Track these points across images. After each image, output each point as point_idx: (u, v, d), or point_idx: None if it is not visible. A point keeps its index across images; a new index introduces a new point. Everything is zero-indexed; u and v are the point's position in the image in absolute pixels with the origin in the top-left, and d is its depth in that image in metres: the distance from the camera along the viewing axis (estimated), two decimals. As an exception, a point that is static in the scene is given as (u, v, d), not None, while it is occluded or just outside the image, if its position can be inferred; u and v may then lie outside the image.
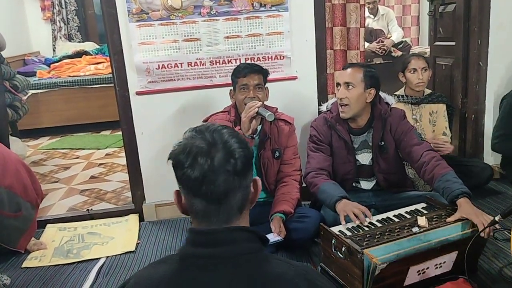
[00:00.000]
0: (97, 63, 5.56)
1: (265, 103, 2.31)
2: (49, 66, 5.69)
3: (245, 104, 2.18)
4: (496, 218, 1.66)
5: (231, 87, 2.36)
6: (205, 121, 2.37)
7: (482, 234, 1.80)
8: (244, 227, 1.02)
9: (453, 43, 3.24)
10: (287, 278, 0.95)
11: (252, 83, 2.24)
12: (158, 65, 2.60)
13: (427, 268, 1.83)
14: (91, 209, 2.94)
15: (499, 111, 2.91)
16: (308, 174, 2.30)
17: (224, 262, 0.94)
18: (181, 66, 2.62)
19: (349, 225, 1.99)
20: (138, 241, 2.56)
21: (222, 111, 2.38)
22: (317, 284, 0.96)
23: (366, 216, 1.99)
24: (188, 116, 2.69)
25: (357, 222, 1.97)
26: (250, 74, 2.24)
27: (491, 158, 3.09)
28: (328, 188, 2.18)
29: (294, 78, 2.75)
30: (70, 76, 5.30)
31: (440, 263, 1.85)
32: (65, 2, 6.52)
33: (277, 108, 2.38)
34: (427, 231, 1.85)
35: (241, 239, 0.98)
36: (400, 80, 2.86)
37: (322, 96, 2.79)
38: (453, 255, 1.86)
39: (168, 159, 0.98)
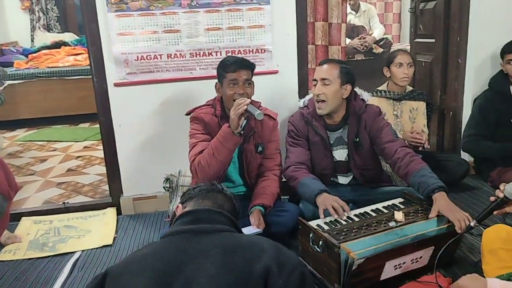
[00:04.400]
0: (76, 54, 5.47)
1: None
2: (27, 57, 5.57)
3: (234, 100, 2.13)
4: (472, 224, 1.69)
5: (216, 80, 2.29)
6: (188, 114, 2.33)
7: (458, 231, 1.83)
8: (222, 212, 1.26)
9: (433, 40, 3.27)
10: (257, 243, 1.15)
11: (242, 79, 2.19)
12: (137, 57, 2.56)
13: (404, 262, 1.84)
14: (67, 202, 2.90)
15: (471, 110, 2.98)
16: (288, 168, 2.30)
17: (202, 235, 1.15)
18: (161, 58, 2.59)
19: (327, 219, 2.00)
20: (115, 235, 2.53)
21: (205, 105, 2.33)
22: (284, 253, 1.14)
23: (344, 211, 2.00)
24: (167, 108, 2.66)
25: (336, 216, 1.98)
26: (240, 70, 2.19)
27: (468, 154, 3.14)
28: (308, 182, 2.19)
29: (275, 72, 2.74)
30: (48, 67, 5.19)
31: (417, 258, 1.87)
32: (44, -9, 6.39)
33: (260, 103, 2.36)
34: (404, 226, 1.88)
35: (219, 220, 1.21)
36: (384, 74, 2.88)
37: (303, 91, 2.78)
38: (429, 250, 1.88)
39: None
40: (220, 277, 1.06)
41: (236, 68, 2.18)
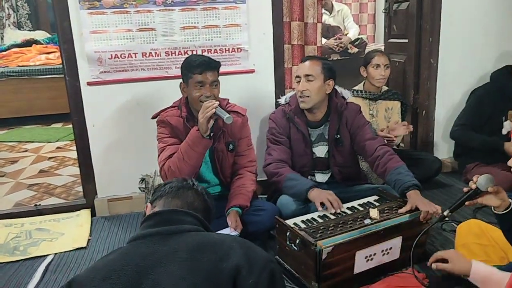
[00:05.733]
0: (48, 53, 5.35)
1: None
2: (-4, 55, 5.41)
3: (201, 102, 2.09)
4: (445, 213, 1.72)
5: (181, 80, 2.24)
6: (154, 117, 2.28)
7: (422, 220, 1.91)
8: (189, 212, 1.23)
9: (406, 41, 3.33)
10: (224, 242, 1.13)
11: (209, 81, 2.13)
12: (111, 55, 2.52)
13: (374, 254, 1.88)
14: (39, 204, 2.83)
15: (466, 102, 3.01)
16: (270, 164, 2.31)
17: (169, 237, 1.13)
18: (135, 56, 2.55)
19: (304, 217, 2.01)
20: (90, 237, 2.48)
21: (171, 107, 2.27)
22: (253, 251, 1.13)
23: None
24: (142, 108, 2.62)
25: (332, 211, 2.02)
26: (207, 71, 2.12)
27: (440, 152, 3.21)
28: (297, 177, 2.23)
29: (252, 71, 2.74)
30: (19, 66, 5.06)
31: (387, 249, 1.91)
32: (14, -12, 6.22)
33: (228, 100, 2.33)
34: (379, 223, 1.90)
35: (186, 220, 1.19)
36: (360, 74, 2.91)
37: (280, 90, 2.79)
38: (398, 240, 1.92)
39: None
40: (188, 278, 1.04)
41: (202, 70, 2.11)
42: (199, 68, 2.12)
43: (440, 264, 1.52)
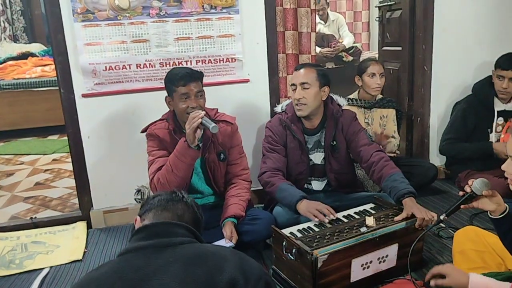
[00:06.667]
0: (44, 65, 5.34)
1: (206, 105, 2.24)
2: (-8, 68, 5.41)
3: (188, 114, 2.08)
4: (441, 217, 1.72)
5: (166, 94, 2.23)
6: (144, 131, 2.28)
7: (417, 227, 1.91)
8: (181, 223, 1.22)
9: (400, 48, 3.35)
10: (219, 253, 1.13)
11: (193, 92, 2.13)
12: (105, 67, 2.52)
13: (371, 262, 1.87)
14: (35, 217, 2.81)
15: (450, 116, 3.02)
16: (264, 173, 2.31)
17: (162, 249, 1.12)
18: (130, 68, 2.56)
19: (300, 226, 2.01)
20: (86, 249, 2.46)
21: (160, 120, 2.28)
22: (247, 263, 1.13)
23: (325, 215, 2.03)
24: (137, 119, 2.62)
25: (326, 220, 2.01)
26: (190, 83, 2.11)
27: (436, 158, 3.21)
28: (288, 188, 2.22)
29: (246, 81, 2.75)
30: (14, 79, 5.06)
31: (383, 257, 1.90)
32: (10, 1, 6.25)
33: (217, 109, 2.34)
34: (375, 231, 1.90)
35: (178, 232, 1.18)
36: (355, 83, 2.92)
37: (274, 99, 2.80)
38: (394, 248, 1.92)
39: None
40: None
41: (186, 82, 2.11)
42: (182, 81, 2.12)
43: (438, 281, 1.51)
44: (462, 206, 1.64)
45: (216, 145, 2.26)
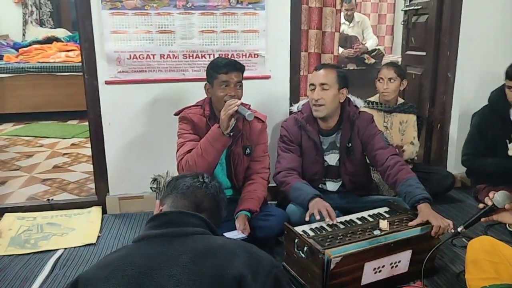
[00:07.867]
0: (68, 51, 5.43)
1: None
2: (17, 51, 5.52)
3: (225, 102, 2.13)
4: (459, 229, 1.70)
5: (206, 81, 2.28)
6: (177, 114, 2.33)
7: (433, 234, 1.89)
8: (195, 214, 1.22)
9: (424, 53, 3.31)
10: (228, 248, 1.11)
11: (233, 81, 2.18)
12: (130, 55, 2.55)
13: (383, 266, 1.86)
14: (52, 199, 2.86)
15: (470, 125, 2.94)
16: (279, 173, 2.31)
17: (174, 239, 1.13)
18: (153, 58, 2.58)
19: (313, 225, 2.01)
20: (99, 234, 2.50)
21: (195, 105, 2.33)
22: (256, 256, 1.12)
23: (323, 219, 2.00)
24: (157, 109, 2.65)
25: (326, 220, 1.99)
26: (232, 72, 2.18)
27: (454, 166, 3.17)
28: (302, 186, 2.21)
29: (267, 77, 2.75)
30: (39, 62, 5.15)
31: (396, 262, 1.89)
32: (38, -14, 6.34)
33: (250, 105, 2.36)
34: (388, 234, 1.89)
35: (191, 223, 1.18)
36: (375, 86, 2.90)
37: (294, 97, 2.80)
38: (407, 254, 1.90)
39: None
40: (190, 283, 1.03)
41: (228, 70, 2.18)
42: (225, 68, 2.18)
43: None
44: (482, 219, 1.62)
45: (244, 139, 2.29)
